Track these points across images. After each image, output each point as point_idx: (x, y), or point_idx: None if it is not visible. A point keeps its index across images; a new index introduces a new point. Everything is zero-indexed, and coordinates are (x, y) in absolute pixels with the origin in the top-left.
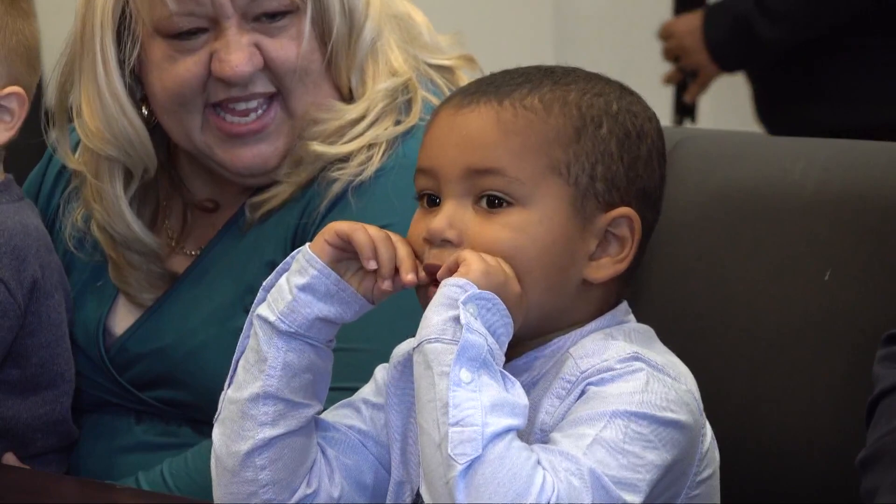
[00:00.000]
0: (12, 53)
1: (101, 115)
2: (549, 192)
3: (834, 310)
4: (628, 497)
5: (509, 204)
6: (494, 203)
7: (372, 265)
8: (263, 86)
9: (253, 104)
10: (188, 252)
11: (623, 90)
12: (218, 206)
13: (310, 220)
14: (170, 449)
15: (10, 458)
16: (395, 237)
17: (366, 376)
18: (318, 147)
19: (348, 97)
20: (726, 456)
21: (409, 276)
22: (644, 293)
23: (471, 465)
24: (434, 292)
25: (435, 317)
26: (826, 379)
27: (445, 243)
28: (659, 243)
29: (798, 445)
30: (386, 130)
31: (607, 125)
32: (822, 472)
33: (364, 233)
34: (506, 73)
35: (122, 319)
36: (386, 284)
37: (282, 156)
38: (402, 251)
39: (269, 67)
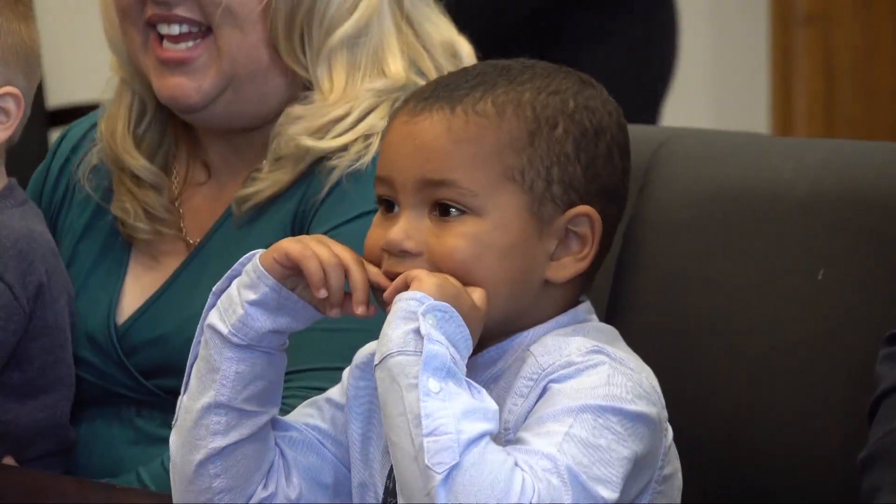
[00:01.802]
0: (8, 54)
1: (108, 29)
2: (505, 200)
3: (829, 311)
4: (605, 492)
5: (463, 212)
6: (448, 211)
7: (322, 294)
8: (188, 11)
9: (182, 29)
10: (190, 240)
11: (582, 84)
12: (209, 178)
13: (308, 207)
14: (168, 442)
15: (8, 462)
16: (350, 261)
17: None
18: (307, 141)
19: (301, 79)
20: (723, 461)
21: (359, 309)
22: (632, 298)
23: (449, 474)
24: (394, 289)
25: (394, 331)
26: (823, 380)
27: (403, 254)
28: (646, 247)
29: (796, 448)
30: (382, 121)
31: (563, 125)
32: (822, 474)
33: (315, 261)
34: (462, 73)
35: (127, 307)
36: (334, 312)
37: (206, 97)
38: (358, 279)
39: None
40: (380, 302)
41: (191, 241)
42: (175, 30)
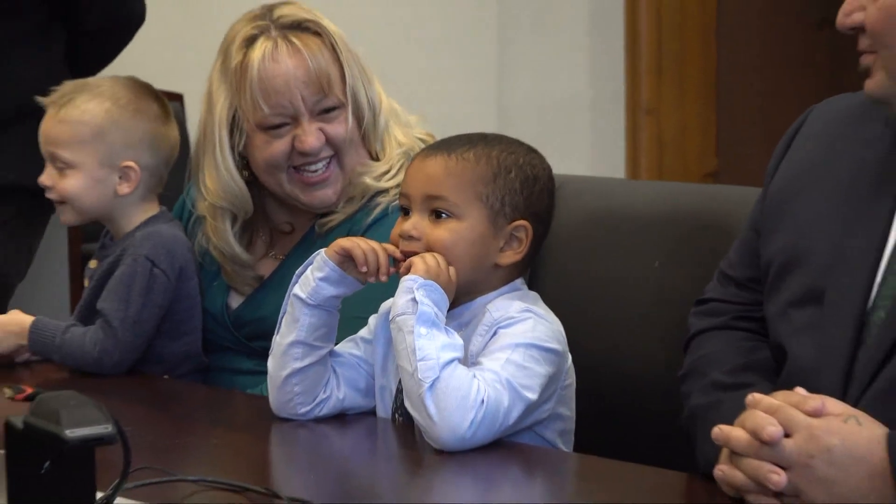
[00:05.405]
0: (135, 140)
1: (218, 181)
2: (475, 212)
3: (662, 287)
4: (528, 394)
5: (449, 216)
6: (440, 215)
7: (364, 269)
8: (326, 152)
9: (320, 165)
10: (276, 256)
11: (530, 151)
12: (293, 229)
13: (354, 232)
14: (265, 374)
15: (167, 377)
16: (378, 249)
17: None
18: (369, 181)
19: (376, 157)
20: (595, 382)
21: (382, 278)
22: (542, 283)
23: (433, 384)
24: (404, 269)
25: (400, 300)
26: (659, 336)
27: (412, 239)
28: (551, 250)
29: (641, 377)
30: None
31: (514, 172)
32: (655, 393)
33: (359, 248)
34: (457, 137)
35: (235, 300)
36: (373, 279)
37: (339, 196)
38: (382, 259)
39: (328, 141)
40: (398, 270)
41: (278, 257)
42: (321, 165)
